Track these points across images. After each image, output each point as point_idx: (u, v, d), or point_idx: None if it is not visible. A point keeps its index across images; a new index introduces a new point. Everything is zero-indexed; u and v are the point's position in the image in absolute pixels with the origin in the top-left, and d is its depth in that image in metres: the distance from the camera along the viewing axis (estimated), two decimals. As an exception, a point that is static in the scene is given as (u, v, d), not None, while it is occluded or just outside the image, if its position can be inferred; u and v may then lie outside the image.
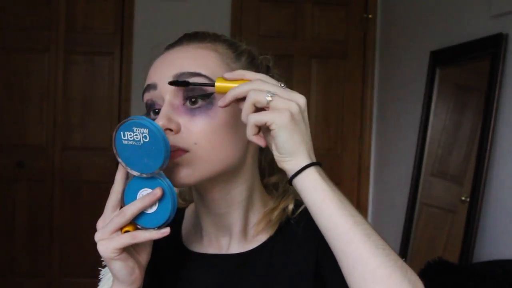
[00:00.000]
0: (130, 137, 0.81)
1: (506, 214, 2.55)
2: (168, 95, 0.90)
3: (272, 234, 1.00)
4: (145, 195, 0.84)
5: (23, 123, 3.90)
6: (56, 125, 3.90)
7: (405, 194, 3.40)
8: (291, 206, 1.02)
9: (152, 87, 0.92)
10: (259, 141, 0.82)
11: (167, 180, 0.85)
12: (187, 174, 0.89)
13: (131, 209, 0.84)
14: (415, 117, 3.38)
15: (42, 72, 3.90)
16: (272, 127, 0.79)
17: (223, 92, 0.83)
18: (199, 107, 0.89)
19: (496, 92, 2.62)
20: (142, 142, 0.80)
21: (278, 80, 0.86)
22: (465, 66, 3.06)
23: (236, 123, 0.90)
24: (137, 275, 0.88)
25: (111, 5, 3.93)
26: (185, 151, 0.88)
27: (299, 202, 1.04)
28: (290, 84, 0.87)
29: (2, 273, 3.87)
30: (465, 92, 3.13)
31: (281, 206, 1.02)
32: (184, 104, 0.90)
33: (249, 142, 0.95)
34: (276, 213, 1.01)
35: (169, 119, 0.87)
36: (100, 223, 0.87)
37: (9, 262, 3.88)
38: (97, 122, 3.94)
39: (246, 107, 0.80)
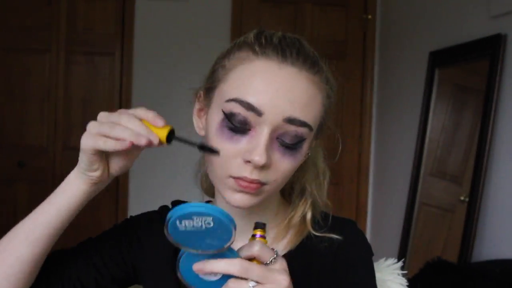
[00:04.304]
0: (189, 224, 0.76)
1: (505, 214, 2.54)
2: (270, 129, 0.86)
3: (292, 248, 1.00)
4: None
5: (24, 123, 3.87)
6: (57, 125, 3.88)
7: (404, 194, 3.39)
8: (309, 215, 1.02)
9: (254, 109, 0.86)
10: None
11: (233, 251, 0.80)
12: (249, 201, 0.90)
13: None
14: (414, 117, 3.37)
15: (43, 72, 3.88)
16: None
17: None
18: (289, 148, 0.89)
19: (495, 92, 2.61)
20: (204, 227, 0.76)
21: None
22: (464, 66, 3.05)
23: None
24: (98, 175, 0.87)
25: (111, 5, 3.91)
26: (262, 184, 0.89)
27: (324, 214, 1.04)
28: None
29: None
30: (464, 93, 3.12)
31: (299, 213, 1.02)
32: (277, 139, 0.88)
33: None
34: (294, 220, 1.01)
35: (268, 156, 0.86)
36: (104, 117, 0.85)
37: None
38: (98, 122, 3.90)
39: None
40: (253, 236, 0.82)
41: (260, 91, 0.86)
